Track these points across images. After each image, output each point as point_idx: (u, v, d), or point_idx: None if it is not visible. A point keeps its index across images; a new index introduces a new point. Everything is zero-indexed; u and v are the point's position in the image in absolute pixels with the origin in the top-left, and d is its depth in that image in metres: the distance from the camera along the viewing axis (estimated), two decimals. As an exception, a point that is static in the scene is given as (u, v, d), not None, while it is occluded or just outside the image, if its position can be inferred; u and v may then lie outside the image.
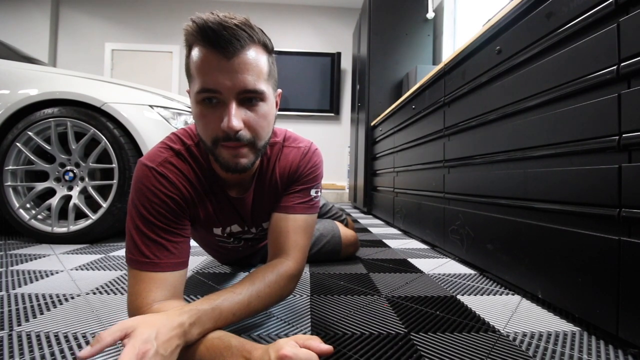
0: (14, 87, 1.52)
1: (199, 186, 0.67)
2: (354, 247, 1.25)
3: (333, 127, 4.69)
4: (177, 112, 1.64)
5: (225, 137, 0.55)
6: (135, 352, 0.40)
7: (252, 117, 0.57)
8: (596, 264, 0.63)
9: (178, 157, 0.65)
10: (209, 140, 0.58)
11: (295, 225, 0.70)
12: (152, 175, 0.61)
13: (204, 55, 0.53)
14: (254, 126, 0.57)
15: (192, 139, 0.68)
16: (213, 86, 0.53)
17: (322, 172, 0.78)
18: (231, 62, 0.53)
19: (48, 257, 1.25)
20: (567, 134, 0.71)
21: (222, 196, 0.71)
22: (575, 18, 0.71)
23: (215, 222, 0.74)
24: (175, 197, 0.62)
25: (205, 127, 0.57)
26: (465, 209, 1.17)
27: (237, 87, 0.54)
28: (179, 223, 0.62)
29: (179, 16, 4.50)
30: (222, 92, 0.54)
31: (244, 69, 0.54)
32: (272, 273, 0.63)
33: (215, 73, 0.53)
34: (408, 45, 2.91)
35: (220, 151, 0.58)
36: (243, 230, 0.81)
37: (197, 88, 0.54)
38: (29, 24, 4.22)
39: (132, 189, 0.62)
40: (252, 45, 0.55)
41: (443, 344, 0.61)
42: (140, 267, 0.56)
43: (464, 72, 1.21)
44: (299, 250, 0.69)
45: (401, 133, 2.03)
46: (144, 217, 0.59)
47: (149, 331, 0.42)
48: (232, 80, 0.53)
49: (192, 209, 0.67)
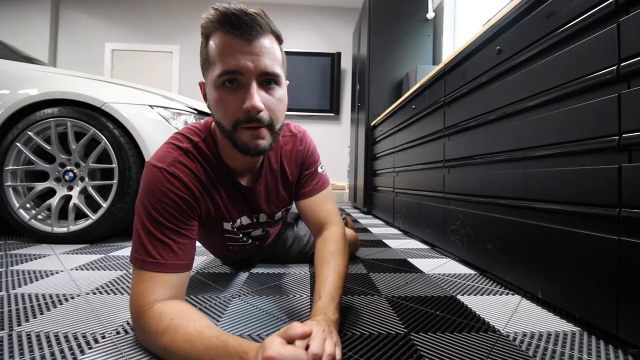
0: (14, 87, 1.52)
1: (209, 181, 0.68)
2: (354, 247, 1.25)
3: (333, 127, 4.69)
4: (177, 112, 1.64)
5: (247, 119, 0.58)
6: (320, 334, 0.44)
7: (270, 100, 0.60)
8: (596, 264, 0.63)
9: (187, 155, 0.66)
10: (229, 124, 0.60)
11: (320, 201, 0.82)
12: (162, 176, 0.61)
13: (226, 40, 0.56)
14: (273, 108, 0.60)
15: (198, 135, 0.69)
16: (235, 67, 0.56)
17: (315, 146, 0.88)
18: (252, 45, 0.56)
19: (48, 257, 1.25)
20: (567, 134, 0.71)
21: (231, 185, 0.73)
22: (575, 18, 0.71)
23: (225, 215, 0.75)
24: (186, 197, 0.63)
25: (226, 110, 0.59)
26: (465, 209, 1.17)
27: (258, 69, 0.57)
28: (187, 224, 0.63)
29: (179, 16, 4.50)
30: (243, 73, 0.56)
31: (264, 52, 0.57)
32: (331, 243, 0.72)
33: (238, 55, 0.55)
34: (408, 45, 2.91)
35: (239, 134, 0.60)
36: (252, 222, 0.83)
37: (219, 72, 0.57)
38: (29, 24, 4.22)
39: (141, 190, 0.62)
40: (269, 33, 0.59)
41: (443, 344, 0.61)
42: (145, 266, 0.57)
43: (464, 72, 1.21)
44: (334, 214, 0.81)
45: (401, 133, 2.03)
46: (153, 217, 0.59)
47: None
48: (254, 62, 0.56)
49: (203, 207, 0.68)
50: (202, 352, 0.46)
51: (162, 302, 0.55)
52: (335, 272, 0.65)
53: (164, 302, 0.55)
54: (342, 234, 0.77)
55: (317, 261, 0.70)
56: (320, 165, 0.87)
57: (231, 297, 0.84)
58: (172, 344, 0.49)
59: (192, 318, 0.51)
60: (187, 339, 0.48)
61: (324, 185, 0.85)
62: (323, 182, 0.85)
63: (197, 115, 1.72)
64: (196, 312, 0.55)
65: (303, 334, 0.42)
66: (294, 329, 0.43)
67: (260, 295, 0.85)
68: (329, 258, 0.69)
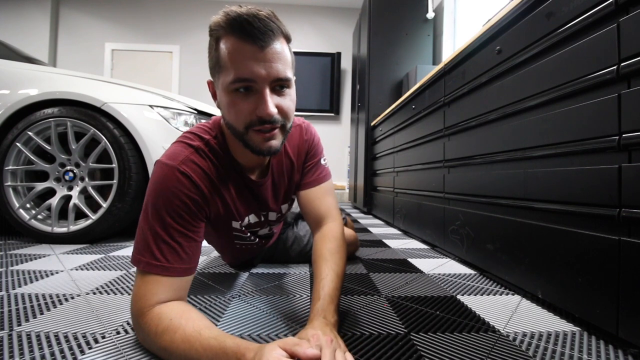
0: (14, 87, 1.52)
1: (218, 179, 0.68)
2: (354, 247, 1.25)
3: (333, 127, 4.69)
4: (177, 112, 1.64)
5: (260, 122, 0.58)
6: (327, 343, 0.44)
7: (283, 102, 0.60)
8: (596, 264, 0.63)
9: (198, 153, 0.66)
10: (241, 127, 0.60)
11: (321, 193, 0.82)
12: (173, 174, 0.61)
13: (238, 46, 0.56)
14: (285, 110, 0.61)
15: (209, 133, 0.69)
16: (249, 75, 0.56)
17: (319, 138, 0.88)
18: (265, 52, 0.56)
19: (48, 257, 1.25)
20: (567, 134, 0.71)
21: (240, 182, 0.73)
22: (575, 18, 0.71)
23: (234, 214, 0.75)
24: (196, 198, 0.63)
25: (238, 114, 0.59)
26: (465, 209, 1.17)
27: (271, 76, 0.57)
28: (195, 225, 0.62)
29: (178, 16, 4.50)
30: (257, 81, 0.56)
31: (276, 58, 0.57)
32: (330, 241, 0.72)
33: (251, 63, 0.56)
34: (408, 45, 2.91)
35: (251, 136, 0.61)
36: (260, 220, 0.83)
37: (232, 78, 0.57)
38: (29, 24, 4.22)
39: (150, 189, 0.61)
40: (280, 37, 0.59)
41: (443, 344, 0.61)
42: (149, 269, 0.56)
43: (464, 72, 1.21)
44: (334, 209, 0.81)
45: (401, 133, 2.03)
46: (162, 218, 0.58)
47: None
48: (266, 69, 0.56)
49: (212, 207, 0.69)
50: (200, 353, 0.46)
51: (163, 303, 0.55)
52: (333, 271, 0.65)
53: (164, 303, 0.55)
54: (341, 231, 0.77)
55: (316, 258, 0.70)
56: (323, 157, 0.87)
57: (231, 297, 0.84)
58: (171, 344, 0.49)
59: (191, 318, 0.51)
60: (186, 339, 0.48)
61: (326, 177, 0.85)
62: (325, 175, 0.85)
63: (197, 115, 1.71)
64: (195, 312, 0.55)
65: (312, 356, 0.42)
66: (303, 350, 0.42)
67: (260, 295, 0.85)
68: (327, 256, 0.68)
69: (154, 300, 0.54)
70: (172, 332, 0.49)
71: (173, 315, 0.52)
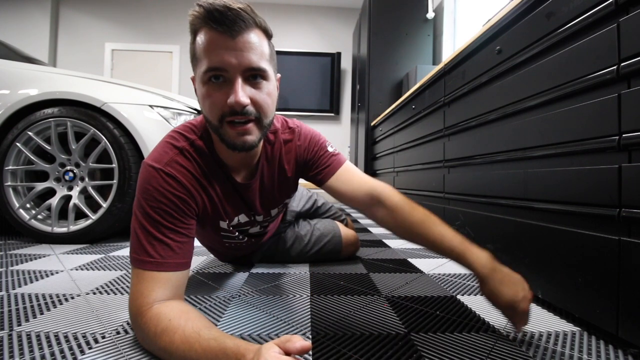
0: (14, 87, 1.52)
1: (204, 178, 0.68)
2: (354, 247, 1.25)
3: (333, 127, 4.69)
4: (177, 112, 1.64)
5: (231, 112, 0.58)
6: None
7: (257, 94, 0.59)
8: (596, 264, 0.63)
9: (183, 154, 0.66)
10: (215, 119, 0.60)
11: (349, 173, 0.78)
12: (159, 176, 0.61)
13: (210, 37, 0.56)
14: (260, 102, 0.60)
15: (195, 132, 0.69)
16: (219, 64, 0.56)
17: (316, 133, 0.83)
18: (236, 40, 0.56)
19: (48, 257, 1.25)
20: (567, 134, 0.71)
21: (227, 183, 0.72)
22: (575, 18, 0.71)
23: (221, 213, 0.75)
24: (184, 196, 0.63)
25: (212, 105, 0.59)
26: (465, 208, 1.17)
27: (242, 64, 0.56)
28: (185, 222, 0.63)
29: (179, 16, 4.50)
30: (228, 69, 0.56)
31: (248, 47, 0.57)
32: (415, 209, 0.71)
33: (221, 52, 0.55)
34: (408, 45, 2.91)
35: (226, 130, 0.60)
36: (250, 220, 0.82)
37: (204, 68, 0.57)
38: (29, 24, 4.23)
39: (138, 190, 0.62)
40: (254, 28, 0.58)
41: (443, 344, 0.61)
42: (144, 266, 0.57)
43: (464, 72, 1.21)
44: (373, 180, 0.77)
45: (401, 133, 2.03)
46: (151, 216, 0.59)
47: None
48: (237, 58, 0.56)
49: (200, 205, 0.68)
50: (200, 354, 0.46)
51: (161, 302, 0.55)
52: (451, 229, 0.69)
53: (163, 303, 0.55)
54: (404, 197, 0.74)
55: (421, 224, 0.70)
56: (329, 145, 0.82)
57: (231, 297, 0.84)
58: (170, 345, 0.49)
59: (190, 318, 0.51)
60: (185, 340, 0.48)
61: (342, 159, 0.80)
62: (340, 158, 0.80)
63: (197, 116, 1.72)
64: (195, 312, 0.55)
65: (302, 349, 0.42)
66: (292, 343, 0.42)
67: (260, 295, 0.85)
68: (433, 218, 0.70)
69: (151, 298, 0.54)
70: (172, 332, 0.49)
71: (172, 316, 0.52)
